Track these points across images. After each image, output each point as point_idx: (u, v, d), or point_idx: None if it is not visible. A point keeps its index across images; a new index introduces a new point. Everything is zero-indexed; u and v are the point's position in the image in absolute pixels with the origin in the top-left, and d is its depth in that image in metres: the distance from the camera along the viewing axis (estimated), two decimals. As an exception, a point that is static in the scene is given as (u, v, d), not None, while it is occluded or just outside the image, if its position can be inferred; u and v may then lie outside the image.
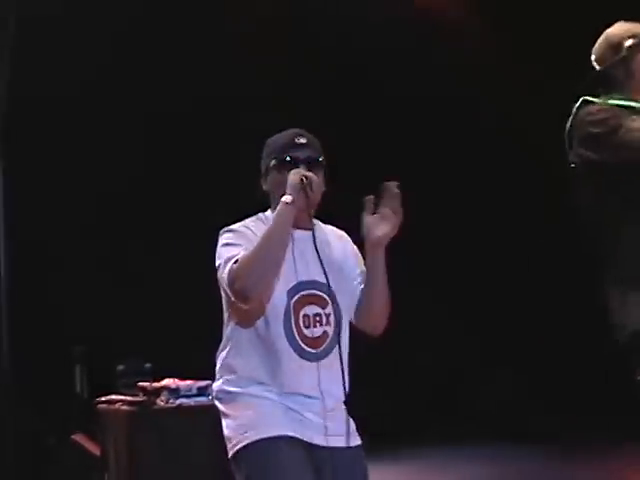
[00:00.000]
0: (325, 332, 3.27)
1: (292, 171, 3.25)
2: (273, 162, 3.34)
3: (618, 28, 3.87)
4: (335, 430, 3.24)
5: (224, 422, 3.25)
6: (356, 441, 3.30)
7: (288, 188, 3.18)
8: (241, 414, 3.19)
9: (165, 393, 6.08)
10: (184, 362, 6.04)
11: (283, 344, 3.20)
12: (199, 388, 6.02)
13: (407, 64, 9.84)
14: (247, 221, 3.34)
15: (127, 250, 9.33)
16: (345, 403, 3.31)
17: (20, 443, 6.70)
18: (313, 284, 3.27)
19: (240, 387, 3.22)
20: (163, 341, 8.46)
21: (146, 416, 6.24)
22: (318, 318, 3.27)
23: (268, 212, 3.36)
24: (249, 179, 3.61)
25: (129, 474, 6.27)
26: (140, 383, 6.61)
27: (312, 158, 3.32)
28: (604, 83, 3.84)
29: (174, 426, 5.99)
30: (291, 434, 3.15)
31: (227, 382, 3.25)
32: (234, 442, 3.17)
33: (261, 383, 3.20)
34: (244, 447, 3.14)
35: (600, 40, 3.90)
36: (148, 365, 6.70)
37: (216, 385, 3.31)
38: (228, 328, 3.30)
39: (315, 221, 3.38)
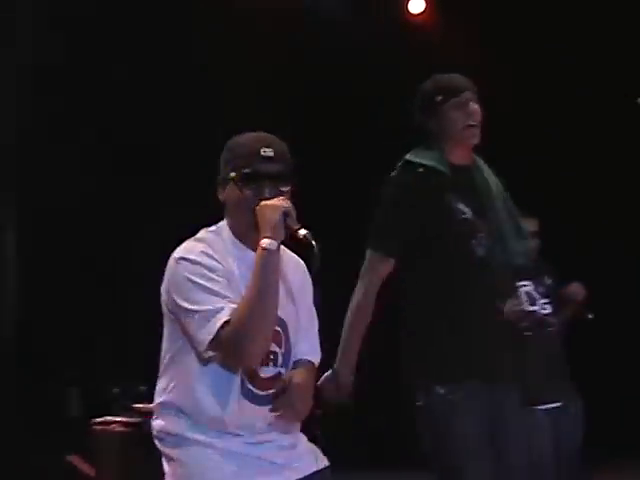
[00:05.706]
0: (279, 373, 2.83)
1: (267, 204, 2.71)
2: (233, 174, 2.80)
3: (431, 82, 3.82)
4: (296, 464, 2.86)
5: (167, 465, 2.86)
6: (323, 463, 2.94)
7: (268, 228, 2.67)
8: (186, 462, 2.80)
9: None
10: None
11: (234, 382, 2.77)
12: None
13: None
14: (202, 244, 2.80)
15: (123, 273, 9.36)
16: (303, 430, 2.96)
17: (17, 464, 6.74)
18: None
19: (185, 430, 2.81)
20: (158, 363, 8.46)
21: (140, 437, 6.28)
22: (272, 357, 2.82)
23: (222, 223, 2.88)
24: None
25: (123, 495, 6.32)
26: (135, 405, 6.67)
27: (280, 174, 2.79)
28: (423, 135, 3.81)
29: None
30: None
31: (170, 422, 2.83)
32: None
33: (209, 424, 2.79)
34: None
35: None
36: (143, 387, 6.72)
37: (157, 422, 2.88)
38: (170, 357, 2.87)
39: None
